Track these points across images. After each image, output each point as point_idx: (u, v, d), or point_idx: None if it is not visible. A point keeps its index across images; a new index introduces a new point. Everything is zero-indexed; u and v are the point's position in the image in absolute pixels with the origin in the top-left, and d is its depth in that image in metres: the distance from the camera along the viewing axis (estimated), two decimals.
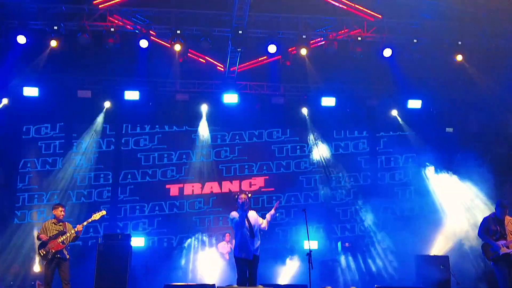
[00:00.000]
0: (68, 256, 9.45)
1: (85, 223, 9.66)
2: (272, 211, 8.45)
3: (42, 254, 9.20)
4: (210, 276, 11.89)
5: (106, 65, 13.92)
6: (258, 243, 8.43)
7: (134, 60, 13.47)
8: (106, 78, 14.38)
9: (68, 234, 9.40)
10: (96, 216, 9.88)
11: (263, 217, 8.53)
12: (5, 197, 14.18)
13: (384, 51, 12.66)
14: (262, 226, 8.51)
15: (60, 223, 9.49)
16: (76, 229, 9.49)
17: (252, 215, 8.53)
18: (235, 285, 8.22)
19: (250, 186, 15.10)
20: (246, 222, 8.35)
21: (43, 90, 13.82)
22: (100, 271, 10.68)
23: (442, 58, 12.96)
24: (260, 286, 8.01)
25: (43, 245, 9.22)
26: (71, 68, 13.93)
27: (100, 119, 14.77)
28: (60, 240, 9.32)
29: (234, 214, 8.50)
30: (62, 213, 9.55)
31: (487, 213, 10.32)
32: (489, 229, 9.01)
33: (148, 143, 15.25)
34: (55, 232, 9.38)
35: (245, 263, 8.39)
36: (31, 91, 13.71)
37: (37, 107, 14.11)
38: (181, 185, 15.06)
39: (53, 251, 9.22)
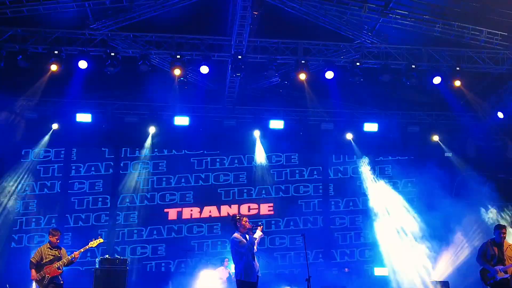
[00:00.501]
0: (62, 282, 9.42)
1: (82, 250, 9.65)
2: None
3: (38, 279, 9.14)
4: None
5: (106, 89, 14.00)
6: (252, 274, 8.35)
7: (135, 84, 13.57)
8: (102, 102, 14.46)
9: (64, 260, 9.38)
10: (93, 243, 9.84)
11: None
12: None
13: (382, 76, 12.67)
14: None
15: (55, 249, 9.47)
16: (72, 256, 9.46)
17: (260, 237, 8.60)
18: None
19: (249, 211, 15.06)
20: (252, 247, 8.30)
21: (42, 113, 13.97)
22: None
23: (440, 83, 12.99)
24: None
25: (38, 269, 9.19)
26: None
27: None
28: (56, 266, 9.29)
29: (240, 237, 8.41)
30: (57, 240, 9.54)
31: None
32: (487, 253, 9.04)
33: (147, 167, 15.25)
34: (51, 257, 9.35)
35: (251, 286, 8.38)
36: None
37: (37, 129, 14.25)
38: (180, 209, 15.03)
39: (49, 276, 9.19)
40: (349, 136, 15.27)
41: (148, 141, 14.87)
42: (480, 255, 9.12)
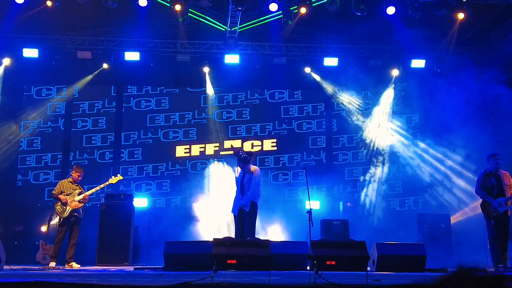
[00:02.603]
0: (81, 217, 9.70)
1: (102, 186, 9.99)
2: None
3: (59, 210, 9.44)
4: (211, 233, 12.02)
5: (105, 25, 13.85)
6: (246, 200, 8.73)
7: (134, 21, 13.37)
8: (106, 39, 14.21)
9: (85, 194, 9.64)
10: (113, 180, 10.10)
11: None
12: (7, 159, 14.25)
13: (387, 8, 12.48)
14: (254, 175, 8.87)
15: (76, 184, 9.70)
16: (92, 190, 9.84)
17: (253, 170, 8.83)
18: (232, 236, 8.56)
19: (252, 147, 15.16)
20: (242, 179, 8.77)
21: (43, 52, 13.81)
22: (102, 231, 10.93)
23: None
24: (249, 239, 8.16)
25: (60, 203, 9.45)
26: (70, 29, 13.82)
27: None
28: (77, 199, 9.55)
29: (238, 169, 8.85)
30: (79, 177, 9.82)
31: None
32: (486, 184, 9.03)
33: (150, 104, 15.28)
34: (72, 191, 9.61)
35: (237, 219, 8.84)
36: (31, 53, 13.68)
37: (37, 68, 14.17)
38: (186, 146, 15.13)
39: (71, 209, 9.43)
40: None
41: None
42: (479, 187, 9.11)
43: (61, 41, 14.09)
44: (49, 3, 11.95)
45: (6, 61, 13.87)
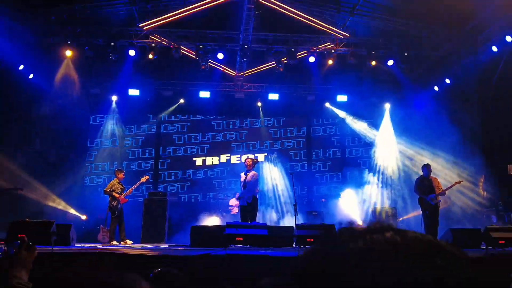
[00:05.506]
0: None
1: (137, 184, 10.08)
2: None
3: (113, 205, 9.50)
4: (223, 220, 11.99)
5: (151, 72, 13.92)
6: (248, 195, 8.80)
7: (169, 67, 13.57)
8: (148, 81, 14.26)
9: (128, 191, 9.78)
10: (143, 179, 10.25)
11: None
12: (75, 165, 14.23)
13: (349, 59, 12.74)
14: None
15: (120, 183, 9.85)
16: (133, 188, 9.87)
17: (251, 174, 8.90)
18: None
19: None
20: (243, 179, 8.90)
21: (104, 90, 14.09)
22: (146, 218, 11.01)
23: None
24: (252, 223, 8.28)
25: (114, 198, 9.51)
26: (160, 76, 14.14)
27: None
28: (124, 195, 9.67)
29: (242, 175, 9.01)
30: (123, 176, 9.92)
31: None
32: (422, 186, 9.16)
33: (179, 129, 15.21)
34: (119, 189, 9.72)
35: (242, 209, 8.92)
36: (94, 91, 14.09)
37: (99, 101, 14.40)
38: (204, 158, 15.03)
39: (121, 203, 9.57)
40: (327, 104, 15.27)
41: (172, 108, 14.88)
42: (417, 187, 9.25)
43: (156, 84, 14.41)
44: (150, 56, 12.18)
45: (114, 97, 14.27)
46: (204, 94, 14.38)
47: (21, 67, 11.87)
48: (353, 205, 13.15)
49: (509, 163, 11.59)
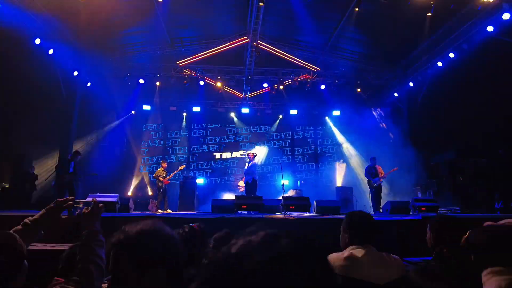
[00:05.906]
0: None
1: (177, 171, 9.98)
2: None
3: (159, 186, 9.37)
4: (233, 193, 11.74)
5: (184, 94, 13.89)
6: (249, 177, 8.79)
7: (197, 91, 13.64)
8: (183, 100, 14.30)
9: (170, 175, 9.68)
10: (181, 168, 10.27)
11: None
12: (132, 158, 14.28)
13: (321, 86, 12.83)
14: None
15: (164, 170, 9.71)
16: (172, 174, 9.84)
17: (252, 163, 8.97)
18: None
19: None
20: (247, 166, 8.91)
21: (153, 107, 14.07)
22: (182, 194, 10.70)
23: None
24: (253, 196, 8.21)
25: (159, 181, 9.44)
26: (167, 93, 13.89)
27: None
28: (167, 179, 9.65)
29: (246, 164, 8.99)
30: (167, 165, 9.79)
31: None
32: (370, 172, 9.17)
33: (204, 133, 15.15)
34: (164, 174, 9.61)
35: (246, 187, 8.86)
36: (146, 107, 14.02)
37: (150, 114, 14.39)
38: (221, 153, 14.92)
39: (165, 184, 9.55)
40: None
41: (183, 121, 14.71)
42: (366, 173, 9.26)
43: (183, 102, 14.19)
44: (157, 83, 12.28)
45: (132, 112, 14.20)
46: (221, 109, 14.42)
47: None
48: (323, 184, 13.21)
49: (431, 155, 11.62)
